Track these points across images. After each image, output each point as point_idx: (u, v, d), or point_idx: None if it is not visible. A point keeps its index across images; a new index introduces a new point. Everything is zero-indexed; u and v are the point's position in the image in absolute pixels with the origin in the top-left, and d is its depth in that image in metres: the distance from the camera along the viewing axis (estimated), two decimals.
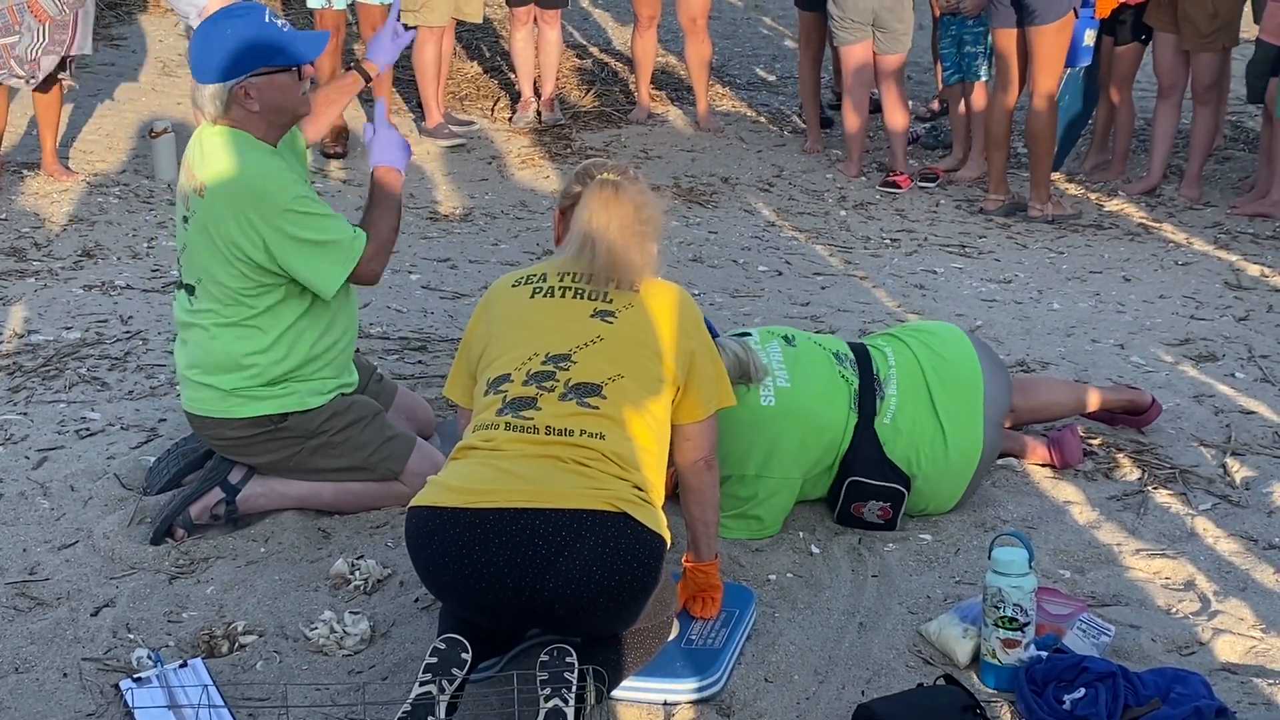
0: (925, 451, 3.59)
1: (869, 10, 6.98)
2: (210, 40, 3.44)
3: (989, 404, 3.68)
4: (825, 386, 3.58)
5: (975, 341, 3.82)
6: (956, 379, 3.68)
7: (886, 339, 3.84)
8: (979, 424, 3.64)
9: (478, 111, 8.35)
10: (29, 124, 7.20)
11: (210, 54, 3.43)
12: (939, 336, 3.81)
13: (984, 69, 7.22)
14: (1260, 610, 3.28)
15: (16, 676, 2.99)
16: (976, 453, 3.63)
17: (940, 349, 3.74)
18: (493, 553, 2.71)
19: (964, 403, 3.65)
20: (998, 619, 2.93)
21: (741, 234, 6.51)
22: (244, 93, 3.44)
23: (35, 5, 6.22)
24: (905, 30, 7.07)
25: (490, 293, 3.16)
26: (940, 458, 3.60)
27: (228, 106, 3.45)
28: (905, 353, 3.73)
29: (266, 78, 3.45)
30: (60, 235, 6.05)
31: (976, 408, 3.65)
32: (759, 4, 11.33)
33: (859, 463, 3.57)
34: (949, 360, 3.71)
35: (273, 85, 3.46)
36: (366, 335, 4.96)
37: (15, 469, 3.89)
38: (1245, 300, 5.66)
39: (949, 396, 3.65)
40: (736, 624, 3.10)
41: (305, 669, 3.02)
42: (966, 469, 3.64)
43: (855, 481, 3.57)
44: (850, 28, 7.06)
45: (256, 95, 3.44)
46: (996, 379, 3.75)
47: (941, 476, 3.62)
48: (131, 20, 9.48)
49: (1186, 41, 6.76)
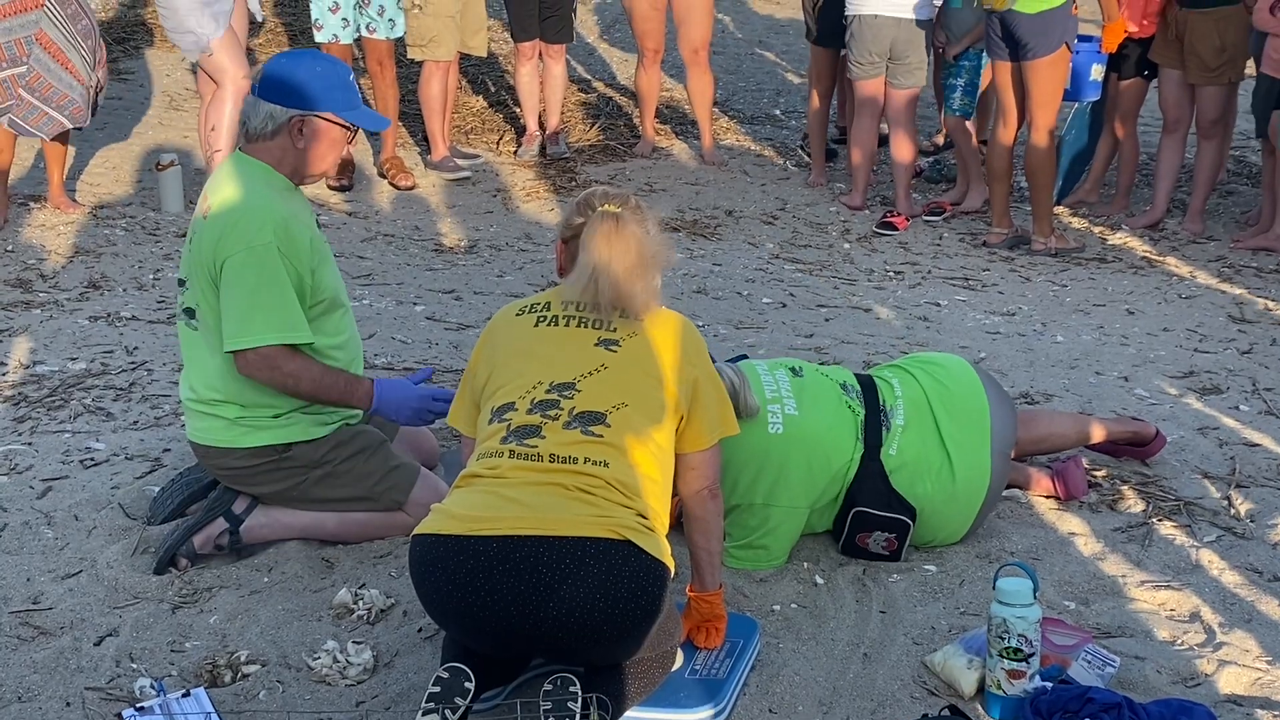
0: (931, 482, 3.59)
1: (886, 43, 7.02)
2: (299, 66, 3.47)
3: (995, 435, 3.67)
4: (833, 416, 3.58)
5: (981, 373, 3.83)
6: (963, 410, 3.68)
7: (893, 370, 3.84)
8: (986, 455, 3.64)
9: (483, 145, 8.39)
10: (36, 156, 7.24)
11: (296, 78, 3.44)
12: (945, 368, 3.81)
13: (957, 100, 7.24)
14: (1265, 642, 3.27)
15: (20, 705, 2.99)
16: (984, 484, 3.63)
17: (946, 380, 3.74)
18: (496, 580, 2.71)
19: (971, 434, 3.65)
20: (1003, 649, 2.92)
21: (745, 266, 6.52)
22: (299, 127, 3.45)
23: (43, 37, 6.26)
24: (919, 64, 7.11)
25: (494, 322, 3.16)
26: (947, 489, 3.60)
27: (276, 132, 3.46)
28: (911, 384, 3.73)
29: (327, 124, 3.47)
30: (66, 267, 6.07)
31: (984, 439, 3.65)
32: (762, 39, 11.39)
33: (864, 494, 3.56)
34: (955, 391, 3.71)
35: (328, 134, 3.48)
36: (372, 366, 4.97)
37: (20, 498, 3.89)
38: (1249, 333, 5.66)
39: (956, 427, 3.64)
40: (741, 654, 3.09)
41: (308, 699, 3.02)
42: (974, 500, 3.63)
43: (860, 512, 3.57)
44: (867, 62, 7.10)
45: (309, 134, 3.46)
46: (1002, 410, 3.75)
47: (948, 508, 3.62)
48: (138, 54, 9.54)
49: (1192, 75, 6.79)
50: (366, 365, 4.90)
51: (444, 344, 5.32)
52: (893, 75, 7.12)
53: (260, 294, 3.37)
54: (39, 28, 6.25)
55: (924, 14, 7.02)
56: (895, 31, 6.99)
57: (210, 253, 3.41)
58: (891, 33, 6.99)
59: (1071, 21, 6.36)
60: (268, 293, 3.37)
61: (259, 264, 3.36)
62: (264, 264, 3.37)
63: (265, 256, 3.36)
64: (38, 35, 6.25)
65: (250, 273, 3.36)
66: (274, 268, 3.37)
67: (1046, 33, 6.28)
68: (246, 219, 3.39)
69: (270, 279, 3.37)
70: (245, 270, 3.36)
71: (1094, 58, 6.82)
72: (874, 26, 7.01)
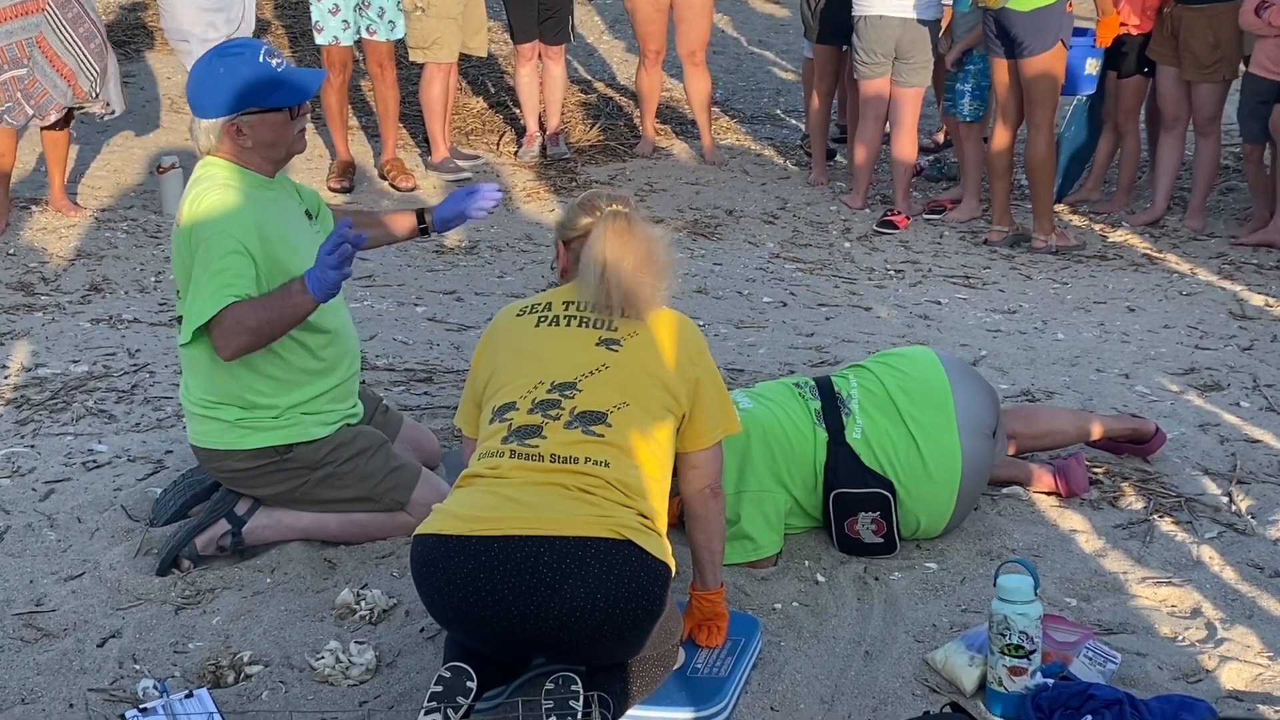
0: (901, 461, 3.62)
1: (891, 43, 7.03)
2: (205, 78, 3.48)
3: (962, 413, 3.68)
4: (784, 406, 3.69)
5: (945, 356, 3.87)
6: (922, 391, 3.71)
7: (849, 368, 3.92)
8: (953, 433, 3.65)
9: (483, 146, 8.40)
10: (38, 160, 7.25)
11: (205, 91, 3.47)
12: (903, 356, 3.88)
13: (966, 106, 7.19)
14: (1266, 637, 3.27)
15: (23, 707, 2.99)
16: (956, 462, 3.63)
17: (903, 366, 3.79)
18: (497, 580, 2.71)
19: (933, 413, 3.67)
20: (1004, 646, 2.93)
21: (746, 265, 6.53)
22: (236, 130, 3.47)
23: (43, 41, 6.27)
24: (925, 64, 7.11)
25: (495, 322, 3.17)
26: (917, 468, 3.62)
27: (221, 141, 3.49)
28: (866, 374, 3.80)
29: (258, 116, 3.47)
30: (68, 270, 6.08)
31: (948, 417, 3.67)
32: (762, 39, 11.39)
33: (840, 475, 3.61)
34: (913, 375, 3.75)
35: (265, 123, 3.48)
36: (372, 367, 4.98)
37: (22, 501, 3.90)
38: (1250, 330, 5.66)
39: (916, 408, 3.68)
40: (742, 653, 3.09)
41: (311, 699, 3.02)
42: (950, 480, 3.64)
43: (840, 494, 3.60)
44: (873, 61, 7.10)
45: (249, 132, 3.47)
46: (970, 389, 3.76)
47: (924, 488, 3.62)
48: (139, 58, 9.55)
49: (1187, 72, 6.80)
50: (367, 366, 4.92)
51: (445, 345, 5.33)
52: (898, 74, 7.12)
53: (210, 270, 3.34)
54: (39, 31, 6.26)
55: (929, 14, 7.02)
56: (901, 31, 6.99)
57: (183, 261, 3.44)
58: (897, 33, 7.00)
59: (1066, 19, 6.36)
60: (216, 266, 3.34)
61: (210, 248, 3.36)
62: (216, 247, 3.35)
63: (219, 243, 3.35)
64: (38, 39, 6.27)
65: (205, 258, 3.35)
66: (223, 246, 3.35)
67: (1041, 30, 6.29)
68: (202, 223, 3.41)
69: (222, 257, 3.35)
70: (203, 256, 3.36)
71: (1089, 52, 6.82)
72: (880, 27, 7.01)
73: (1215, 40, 6.68)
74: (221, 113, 3.45)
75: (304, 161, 7.73)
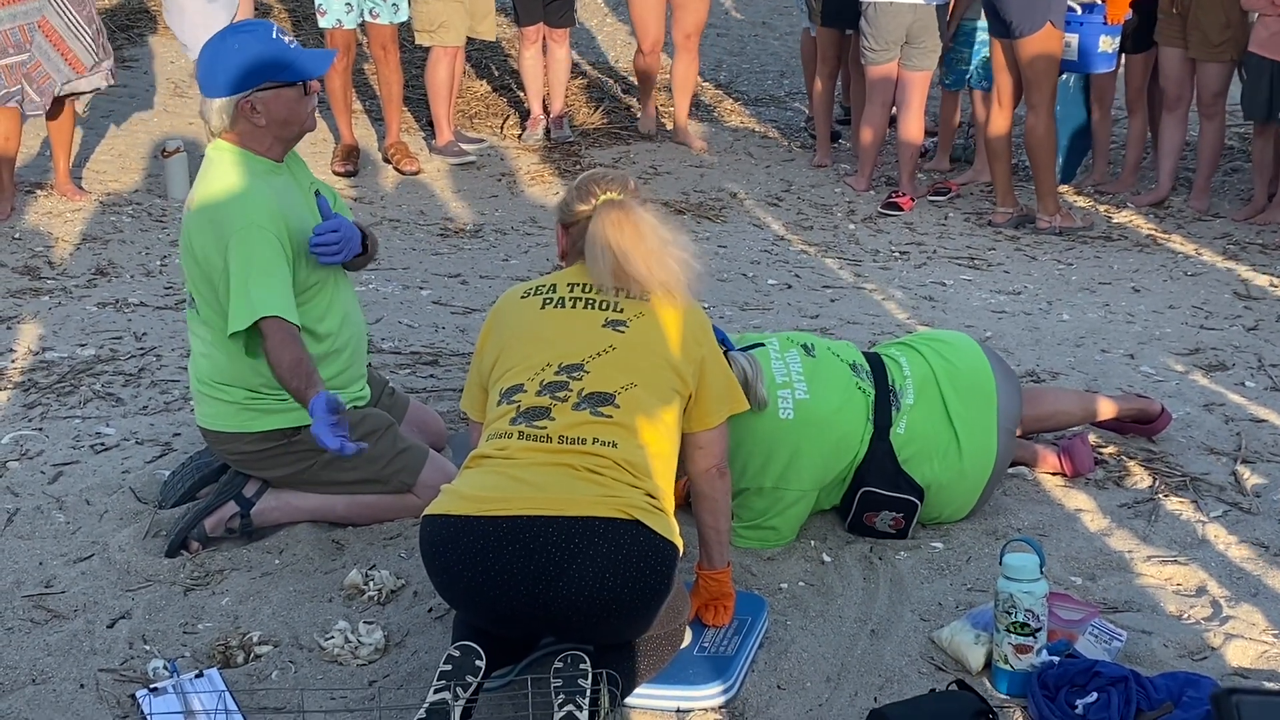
0: (939, 460, 3.60)
1: (903, 29, 7.00)
2: (218, 55, 3.47)
3: (1002, 412, 3.68)
4: (843, 399, 3.57)
5: (987, 350, 3.83)
6: (970, 387, 3.68)
7: (900, 348, 3.85)
8: (993, 432, 3.65)
9: (487, 129, 8.39)
10: (42, 144, 7.25)
11: (217, 69, 3.46)
12: (952, 345, 3.81)
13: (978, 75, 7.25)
14: (1272, 615, 3.28)
15: (34, 688, 3.01)
16: (990, 461, 3.64)
17: (953, 358, 3.75)
18: (506, 560, 2.72)
19: (978, 411, 3.66)
20: (1010, 624, 2.94)
21: (750, 248, 6.53)
22: (250, 107, 3.46)
23: (45, 24, 6.27)
24: (934, 47, 7.08)
25: (500, 305, 3.17)
26: (954, 466, 3.61)
27: (234, 120, 3.48)
28: (919, 362, 3.74)
29: (272, 92, 3.47)
30: (74, 254, 6.09)
31: (991, 416, 3.66)
32: (766, 21, 11.37)
33: (873, 474, 3.57)
34: (962, 369, 3.72)
35: (279, 100, 3.48)
36: (379, 350, 4.99)
37: (31, 483, 3.92)
38: (1255, 310, 5.67)
39: (963, 405, 3.65)
40: (749, 632, 3.11)
41: (320, 678, 3.04)
42: (980, 477, 3.65)
43: (868, 492, 3.57)
44: (882, 47, 7.07)
45: (263, 109, 3.47)
46: (1008, 387, 3.76)
47: (955, 485, 3.63)
48: (143, 42, 9.54)
49: (1194, 50, 6.79)
50: (373, 349, 4.93)
51: (450, 327, 5.34)
52: (907, 58, 7.09)
53: (252, 273, 3.36)
54: (42, 15, 6.26)
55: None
56: (912, 16, 6.96)
57: (196, 245, 3.44)
58: (908, 18, 6.97)
59: (1057, 1, 6.35)
60: (258, 271, 3.36)
61: (244, 245, 3.37)
62: (252, 245, 3.37)
63: (252, 237, 3.37)
64: (40, 22, 6.27)
65: (240, 255, 3.36)
66: (260, 243, 3.37)
67: (1029, 11, 6.28)
68: (227, 208, 3.41)
69: (259, 258, 3.36)
70: (237, 254, 3.37)
71: (1102, 29, 6.80)
72: (890, 13, 6.98)
73: (1226, 19, 6.67)
74: (235, 90, 3.44)
75: (309, 146, 7.73)
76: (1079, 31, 6.61)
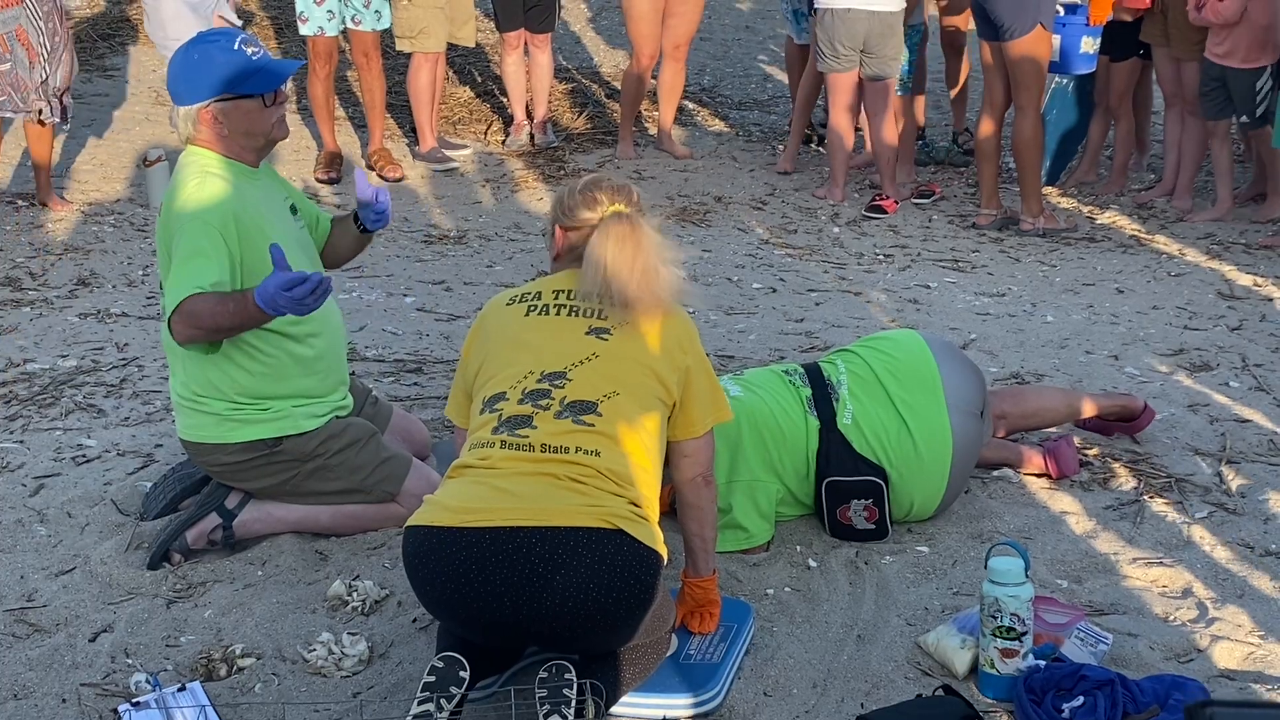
0: (893, 445, 3.63)
1: (860, 37, 6.92)
2: (182, 65, 3.52)
3: (951, 394, 3.69)
4: (775, 394, 3.68)
5: (931, 338, 3.88)
6: (910, 373, 3.72)
7: (836, 353, 3.91)
8: (943, 414, 3.66)
9: (471, 135, 8.38)
10: (23, 155, 7.22)
11: (182, 78, 3.52)
12: (890, 339, 3.88)
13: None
14: (1257, 616, 3.28)
15: (15, 703, 2.99)
16: (946, 443, 3.64)
17: (891, 350, 3.80)
18: (489, 571, 2.71)
19: (921, 394, 3.68)
20: (995, 629, 2.93)
21: (735, 252, 6.52)
22: (212, 116, 3.49)
23: (22, 33, 6.25)
24: (895, 55, 7.01)
25: (485, 312, 3.16)
26: (909, 450, 3.62)
27: (198, 128, 3.52)
28: (855, 360, 3.80)
29: (233, 103, 3.49)
30: (55, 264, 6.06)
31: (937, 397, 3.68)
32: (750, 25, 11.38)
33: (832, 463, 3.62)
34: (901, 359, 3.76)
35: (238, 111, 3.50)
36: (362, 358, 4.97)
37: (12, 496, 3.89)
38: (1238, 310, 5.67)
39: (905, 390, 3.68)
40: (735, 638, 3.10)
41: (304, 690, 3.02)
42: (941, 461, 3.65)
43: (832, 482, 3.61)
44: (839, 55, 6.98)
45: (224, 119, 3.50)
46: (957, 369, 3.77)
47: (916, 470, 3.63)
48: (124, 51, 9.52)
49: (1176, 49, 6.82)
50: (356, 357, 4.91)
51: (434, 335, 5.32)
52: (868, 67, 6.99)
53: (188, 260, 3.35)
54: (18, 24, 6.24)
55: (896, 4, 6.90)
56: (869, 24, 6.87)
57: (159, 248, 3.48)
58: (865, 26, 6.87)
59: (1047, 2, 6.36)
60: (191, 254, 3.35)
61: (185, 236, 3.37)
62: (192, 235, 3.37)
63: (194, 231, 3.37)
64: (17, 31, 6.24)
65: (181, 246, 3.37)
66: (200, 235, 3.36)
67: (1019, 12, 6.29)
68: (181, 208, 3.42)
69: (195, 246, 3.35)
70: (178, 243, 3.38)
71: (1084, 30, 6.81)
72: (847, 20, 6.88)
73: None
74: (197, 99, 3.49)
75: (291, 153, 7.72)
76: (1061, 32, 6.63)
